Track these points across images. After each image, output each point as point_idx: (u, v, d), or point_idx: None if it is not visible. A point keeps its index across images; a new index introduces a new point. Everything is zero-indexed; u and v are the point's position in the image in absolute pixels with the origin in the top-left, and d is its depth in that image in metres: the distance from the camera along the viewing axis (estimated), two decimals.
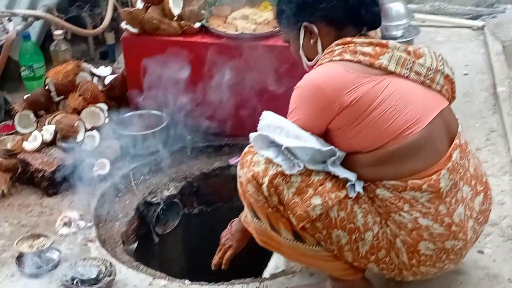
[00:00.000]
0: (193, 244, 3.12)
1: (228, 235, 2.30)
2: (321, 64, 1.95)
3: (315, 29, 1.99)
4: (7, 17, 3.25)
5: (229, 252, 2.28)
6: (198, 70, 3.01)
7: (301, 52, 2.07)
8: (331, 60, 1.91)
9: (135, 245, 2.74)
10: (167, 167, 3.05)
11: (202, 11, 3.06)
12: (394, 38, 3.21)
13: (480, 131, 3.08)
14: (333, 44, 1.95)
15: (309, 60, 2.07)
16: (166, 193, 2.92)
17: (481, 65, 3.87)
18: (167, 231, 2.97)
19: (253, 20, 3.10)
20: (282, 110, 1.96)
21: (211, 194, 3.10)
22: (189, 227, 3.08)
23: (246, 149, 1.95)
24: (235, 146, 3.09)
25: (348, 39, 1.93)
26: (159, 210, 2.87)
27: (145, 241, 2.87)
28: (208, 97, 3.05)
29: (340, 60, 1.89)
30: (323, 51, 2.00)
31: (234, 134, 3.13)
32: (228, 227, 2.32)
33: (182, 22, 3.01)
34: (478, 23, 4.46)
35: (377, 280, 2.11)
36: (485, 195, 2.01)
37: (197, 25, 3.03)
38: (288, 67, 2.84)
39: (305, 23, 2.00)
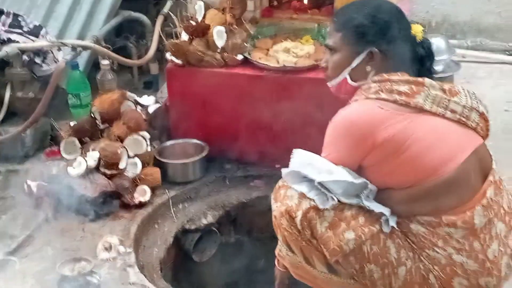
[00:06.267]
0: (230, 273, 3.13)
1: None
2: (356, 100, 1.95)
3: (379, 59, 1.96)
4: (57, 47, 3.36)
5: (276, 282, 2.30)
6: (240, 101, 3.06)
7: (347, 70, 2.01)
8: (367, 98, 1.92)
9: None
10: (206, 195, 3.10)
11: (245, 44, 3.12)
12: (435, 73, 3.21)
13: None
14: (370, 80, 1.96)
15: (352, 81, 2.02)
16: (204, 221, 2.96)
17: None
18: (204, 259, 3.01)
19: (295, 53, 3.15)
20: (321, 142, 1.98)
21: (249, 224, 3.12)
22: (226, 256, 3.11)
23: (280, 183, 1.96)
24: (273, 176, 3.11)
25: (386, 76, 1.93)
26: (197, 238, 2.92)
27: (183, 268, 2.90)
28: (248, 128, 3.10)
29: (376, 98, 1.89)
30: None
31: (272, 165, 3.16)
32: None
33: (225, 54, 3.08)
34: None
35: None
36: None
37: (240, 57, 3.09)
38: (328, 100, 2.87)
39: (376, 49, 1.96)
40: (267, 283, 2.53)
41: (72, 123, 3.12)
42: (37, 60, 3.32)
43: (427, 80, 1.92)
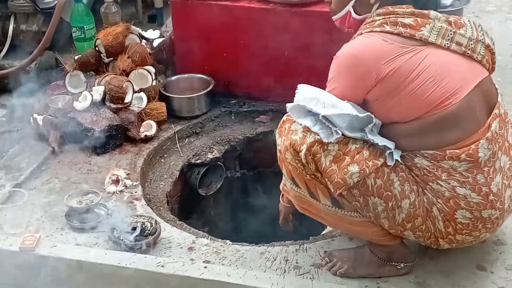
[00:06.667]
0: (234, 207, 3.18)
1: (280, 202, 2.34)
2: (360, 34, 1.94)
3: None
4: None
5: (280, 217, 2.34)
6: (245, 35, 3.03)
7: (351, 3, 2.01)
8: (371, 31, 1.90)
9: None
10: (212, 130, 3.11)
11: None
12: (444, 7, 3.16)
13: None
14: (374, 13, 1.94)
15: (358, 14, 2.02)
16: (210, 156, 2.97)
17: None
18: (210, 193, 3.04)
19: None
20: (326, 77, 1.97)
21: (254, 159, 3.14)
22: (231, 190, 3.14)
23: (284, 117, 1.95)
24: (279, 111, 3.12)
25: (390, 8, 1.91)
26: (202, 172, 2.94)
27: (189, 202, 2.94)
28: (254, 62, 3.08)
29: (381, 31, 1.88)
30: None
31: (277, 100, 3.16)
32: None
33: None
34: None
35: (416, 246, 2.13)
36: None
37: None
38: (335, 34, 2.84)
39: None
40: (272, 217, 2.57)
41: (76, 57, 3.10)
42: None
43: (432, 13, 1.90)
